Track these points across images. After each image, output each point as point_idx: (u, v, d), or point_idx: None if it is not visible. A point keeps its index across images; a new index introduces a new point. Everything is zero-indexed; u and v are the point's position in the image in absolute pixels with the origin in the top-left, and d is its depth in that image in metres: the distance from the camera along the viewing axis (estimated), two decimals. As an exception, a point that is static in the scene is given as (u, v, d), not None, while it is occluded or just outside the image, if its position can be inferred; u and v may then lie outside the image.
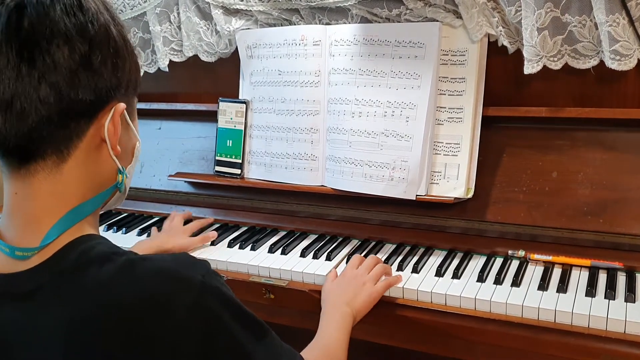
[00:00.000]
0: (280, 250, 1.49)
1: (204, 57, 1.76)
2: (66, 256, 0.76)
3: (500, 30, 1.37)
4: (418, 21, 1.43)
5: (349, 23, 1.53)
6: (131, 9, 1.81)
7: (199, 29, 1.73)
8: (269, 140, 1.63)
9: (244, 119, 1.67)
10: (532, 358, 1.18)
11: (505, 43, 1.38)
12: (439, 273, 1.32)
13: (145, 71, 1.86)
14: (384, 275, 1.29)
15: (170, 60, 1.81)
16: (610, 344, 1.10)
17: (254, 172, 1.66)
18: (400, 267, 1.35)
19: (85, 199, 0.81)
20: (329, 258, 1.43)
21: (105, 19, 0.79)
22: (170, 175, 1.74)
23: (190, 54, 1.77)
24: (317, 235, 1.57)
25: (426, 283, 1.28)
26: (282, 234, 1.60)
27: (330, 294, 1.23)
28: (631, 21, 1.23)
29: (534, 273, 1.29)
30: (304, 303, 1.34)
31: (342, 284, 1.24)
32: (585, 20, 1.29)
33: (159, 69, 1.83)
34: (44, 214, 0.78)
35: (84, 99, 0.76)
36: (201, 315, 0.73)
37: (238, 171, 1.67)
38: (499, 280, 1.26)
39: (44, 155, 0.76)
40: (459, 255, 1.40)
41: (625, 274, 1.25)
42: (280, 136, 1.61)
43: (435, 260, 1.39)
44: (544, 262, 1.32)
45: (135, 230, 1.70)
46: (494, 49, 1.40)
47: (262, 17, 1.63)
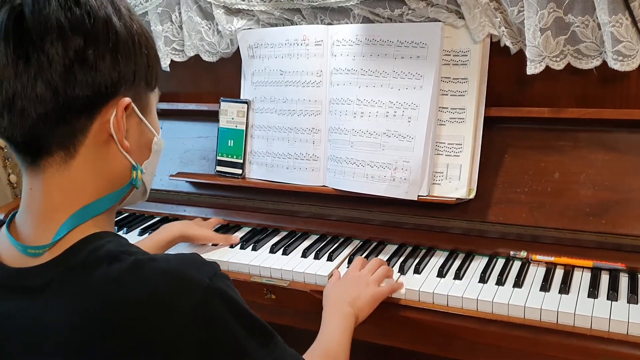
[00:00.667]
0: (281, 250, 1.48)
1: (206, 57, 1.75)
2: (76, 253, 0.76)
3: (503, 31, 1.36)
4: (420, 21, 1.43)
5: (351, 23, 1.53)
6: (133, 9, 1.81)
7: (200, 28, 1.73)
8: (270, 140, 1.63)
9: (246, 118, 1.66)
10: (534, 359, 1.18)
11: (508, 43, 1.37)
12: (441, 274, 1.31)
13: (147, 71, 1.86)
14: (387, 278, 1.28)
15: (172, 60, 1.81)
16: (613, 345, 1.10)
17: (255, 172, 1.66)
18: (402, 268, 1.35)
19: (98, 195, 0.81)
20: (330, 258, 1.43)
21: (106, 12, 0.77)
22: (171, 175, 1.74)
23: (192, 54, 1.77)
24: (319, 236, 1.56)
25: (428, 284, 1.28)
26: (284, 234, 1.60)
27: (333, 294, 1.22)
28: (634, 22, 1.23)
29: (536, 274, 1.29)
30: (305, 303, 1.34)
31: (345, 285, 1.24)
32: (588, 21, 1.28)
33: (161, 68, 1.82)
34: (54, 209, 0.79)
35: (81, 94, 0.75)
36: (205, 317, 0.73)
37: (239, 171, 1.67)
38: (501, 281, 1.26)
39: (51, 152, 0.77)
40: (461, 256, 1.40)
41: (627, 275, 1.25)
42: (282, 136, 1.61)
43: (437, 261, 1.38)
44: (546, 263, 1.32)
45: (137, 230, 1.70)
46: (497, 50, 1.40)
47: (264, 17, 1.63)
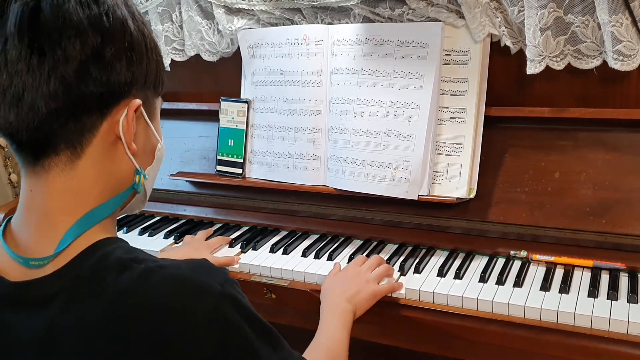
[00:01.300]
0: (281, 250, 1.48)
1: (206, 57, 1.76)
2: (83, 262, 0.74)
3: (503, 30, 1.36)
4: (420, 21, 1.43)
5: (352, 22, 1.53)
6: (133, 8, 1.81)
7: (201, 28, 1.73)
8: (270, 139, 1.63)
9: (246, 118, 1.66)
10: (534, 358, 1.18)
11: (508, 43, 1.37)
12: (441, 273, 1.31)
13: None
14: (386, 277, 1.28)
15: (172, 60, 1.81)
16: (613, 344, 1.10)
17: (256, 172, 1.66)
18: (402, 268, 1.35)
19: (102, 199, 0.79)
20: (330, 258, 1.43)
21: (122, 13, 0.77)
22: (171, 175, 1.74)
23: (192, 53, 1.77)
24: (319, 235, 1.56)
25: (428, 283, 1.28)
26: (284, 233, 1.60)
27: (332, 289, 1.22)
28: (634, 21, 1.23)
29: (536, 273, 1.29)
30: (305, 303, 1.34)
31: (345, 280, 1.24)
32: (589, 21, 1.29)
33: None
34: (58, 212, 0.77)
35: (94, 92, 0.74)
36: (218, 323, 0.73)
37: (239, 171, 1.67)
38: (501, 281, 1.26)
39: (57, 150, 0.75)
40: (461, 255, 1.40)
41: (627, 275, 1.25)
42: (282, 136, 1.61)
43: (437, 260, 1.39)
44: (546, 263, 1.32)
45: (137, 230, 1.70)
46: (497, 49, 1.40)
47: (264, 17, 1.63)
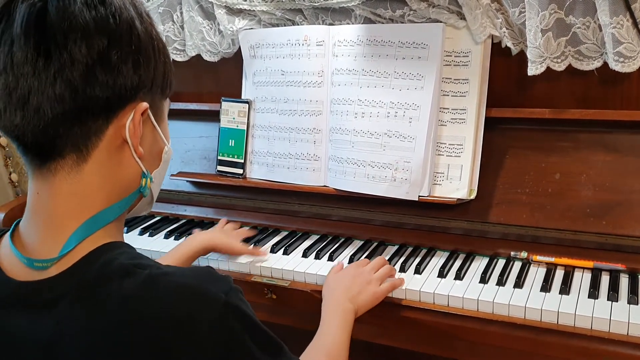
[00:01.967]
0: (282, 250, 1.49)
1: (207, 57, 1.76)
2: (87, 267, 0.74)
3: (504, 32, 1.37)
4: (422, 22, 1.43)
5: (353, 23, 1.53)
6: (134, 8, 1.81)
7: (202, 28, 1.73)
8: (271, 140, 1.63)
9: (247, 118, 1.66)
10: (535, 359, 1.18)
11: (509, 44, 1.38)
12: (442, 274, 1.32)
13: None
14: (388, 278, 1.28)
15: (173, 60, 1.80)
16: (613, 345, 1.10)
17: (256, 172, 1.66)
18: (403, 268, 1.35)
19: (108, 202, 0.79)
20: (331, 258, 1.43)
21: (130, 15, 0.76)
22: (172, 175, 1.74)
23: (193, 54, 1.77)
24: (319, 236, 1.57)
25: (429, 284, 1.28)
26: (284, 234, 1.60)
27: (334, 288, 1.22)
28: (635, 23, 1.23)
29: (537, 274, 1.29)
30: (305, 303, 1.34)
31: (347, 280, 1.24)
32: (589, 22, 1.29)
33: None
34: (64, 215, 0.76)
35: (100, 96, 0.74)
36: (222, 335, 0.72)
37: (240, 171, 1.67)
38: (501, 282, 1.26)
39: (63, 154, 0.75)
40: (462, 256, 1.40)
41: (628, 276, 1.25)
42: (283, 136, 1.61)
43: (437, 261, 1.39)
44: (547, 264, 1.32)
45: (137, 230, 1.70)
46: (498, 50, 1.40)
47: (266, 17, 1.63)
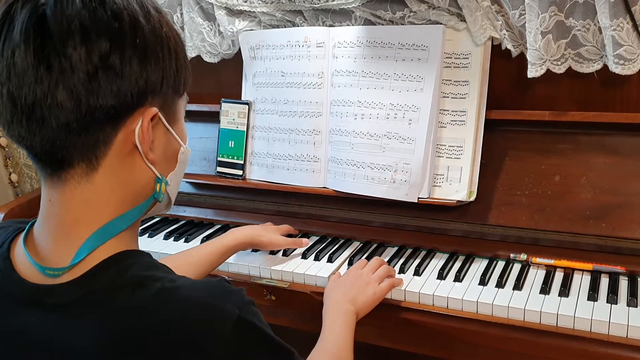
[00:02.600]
0: (281, 251, 1.48)
1: (207, 58, 1.76)
2: (98, 277, 0.73)
3: (504, 34, 1.37)
4: (422, 24, 1.43)
5: (353, 25, 1.53)
6: (134, 9, 1.81)
7: (202, 29, 1.73)
8: (271, 141, 1.63)
9: (247, 120, 1.66)
10: (534, 362, 1.18)
11: (509, 46, 1.38)
12: (441, 276, 1.32)
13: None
14: (387, 278, 1.28)
15: (173, 61, 1.80)
16: (613, 348, 1.10)
17: (256, 173, 1.66)
18: (402, 270, 1.35)
19: (122, 209, 0.77)
20: (330, 260, 1.43)
21: (133, 13, 0.71)
22: (171, 176, 1.74)
23: (193, 55, 1.77)
24: (319, 237, 1.56)
25: (428, 286, 1.28)
26: (284, 235, 1.60)
27: (333, 291, 1.22)
28: (635, 25, 1.23)
29: (536, 276, 1.29)
30: (305, 305, 1.34)
31: (346, 283, 1.24)
32: (590, 24, 1.29)
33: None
34: (76, 223, 0.75)
35: (105, 104, 0.70)
36: (236, 350, 0.71)
37: (240, 172, 1.67)
38: (500, 284, 1.26)
39: (72, 163, 0.73)
40: (461, 258, 1.40)
41: (627, 278, 1.25)
42: (283, 137, 1.61)
43: (437, 263, 1.39)
44: (546, 266, 1.32)
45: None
46: (498, 52, 1.40)
47: (266, 19, 1.63)
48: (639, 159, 1.30)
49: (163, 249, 1.56)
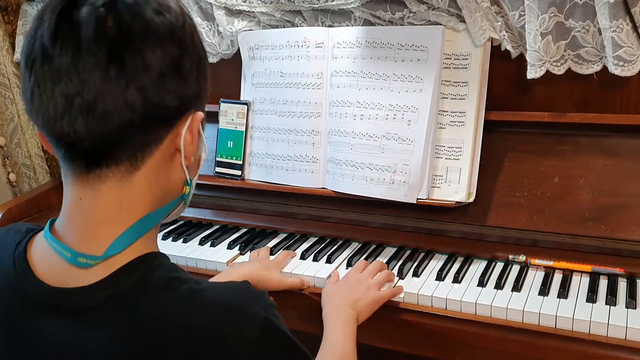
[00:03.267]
0: (280, 251, 1.48)
1: (206, 58, 1.75)
2: (128, 276, 0.73)
3: (504, 35, 1.37)
4: (421, 24, 1.43)
5: (352, 25, 1.53)
6: (133, 9, 1.81)
7: (201, 29, 1.72)
8: (270, 141, 1.63)
9: (245, 120, 1.66)
10: (532, 363, 1.18)
11: (509, 47, 1.38)
12: (440, 277, 1.31)
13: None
14: (387, 282, 1.28)
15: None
16: (611, 350, 1.10)
17: (255, 174, 1.66)
18: (401, 271, 1.34)
19: (152, 209, 0.78)
20: (329, 261, 1.43)
21: (191, 23, 0.77)
22: (170, 176, 1.73)
23: (192, 55, 1.77)
24: (317, 238, 1.56)
25: (426, 287, 1.28)
26: (282, 236, 1.60)
27: (333, 295, 1.22)
28: (635, 27, 1.23)
29: (535, 278, 1.28)
30: (303, 305, 1.34)
31: (346, 287, 1.24)
32: (589, 26, 1.29)
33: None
34: (108, 221, 0.75)
35: (169, 104, 0.73)
36: (261, 352, 0.72)
37: (239, 172, 1.67)
38: (499, 285, 1.26)
39: (118, 161, 0.73)
40: (460, 259, 1.40)
41: (626, 280, 1.25)
42: (282, 138, 1.61)
43: (435, 264, 1.38)
44: (545, 268, 1.32)
45: (135, 231, 1.70)
46: (497, 53, 1.40)
47: (265, 19, 1.63)
48: (638, 161, 1.30)
49: (162, 249, 1.53)
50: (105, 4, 0.70)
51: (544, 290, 1.22)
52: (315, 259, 1.44)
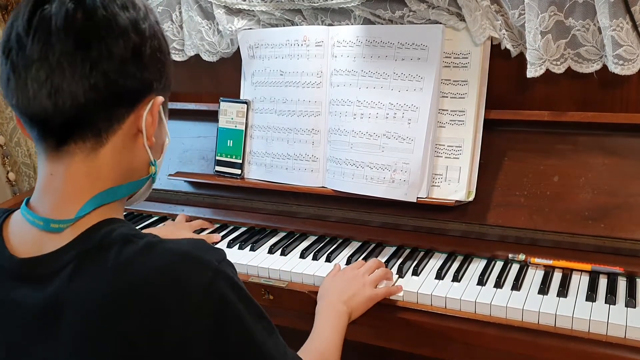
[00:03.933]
0: (279, 251, 1.48)
1: (206, 57, 1.75)
2: (91, 237, 0.79)
3: (504, 34, 1.37)
4: (421, 23, 1.43)
5: (352, 24, 1.53)
6: (133, 8, 1.81)
7: (201, 28, 1.72)
8: (269, 140, 1.63)
9: (245, 119, 1.66)
10: (532, 362, 1.18)
11: (509, 46, 1.38)
12: (439, 276, 1.31)
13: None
14: (385, 280, 1.28)
15: (172, 59, 1.80)
16: (611, 349, 1.10)
17: (254, 173, 1.66)
18: (400, 270, 1.34)
19: (118, 183, 0.84)
20: (328, 259, 1.43)
21: (152, 18, 0.85)
22: (170, 175, 1.74)
23: (192, 54, 1.77)
24: (317, 237, 1.56)
25: (426, 286, 1.28)
26: (282, 234, 1.60)
27: (329, 290, 1.23)
28: (635, 26, 1.23)
29: (534, 277, 1.28)
30: (303, 304, 1.34)
31: (342, 282, 1.24)
32: (589, 25, 1.29)
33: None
34: (77, 192, 0.81)
35: (130, 86, 0.80)
36: (216, 298, 0.76)
37: (238, 171, 1.67)
38: (499, 284, 1.26)
39: (84, 138, 0.80)
40: (459, 258, 1.40)
41: (625, 279, 1.25)
42: (281, 137, 1.61)
43: (435, 263, 1.38)
44: (545, 266, 1.32)
45: (135, 229, 1.70)
46: (497, 52, 1.40)
47: (265, 17, 1.63)
48: (638, 160, 1.30)
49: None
50: (67, 1, 0.78)
51: (544, 289, 1.22)
52: (315, 258, 1.44)
